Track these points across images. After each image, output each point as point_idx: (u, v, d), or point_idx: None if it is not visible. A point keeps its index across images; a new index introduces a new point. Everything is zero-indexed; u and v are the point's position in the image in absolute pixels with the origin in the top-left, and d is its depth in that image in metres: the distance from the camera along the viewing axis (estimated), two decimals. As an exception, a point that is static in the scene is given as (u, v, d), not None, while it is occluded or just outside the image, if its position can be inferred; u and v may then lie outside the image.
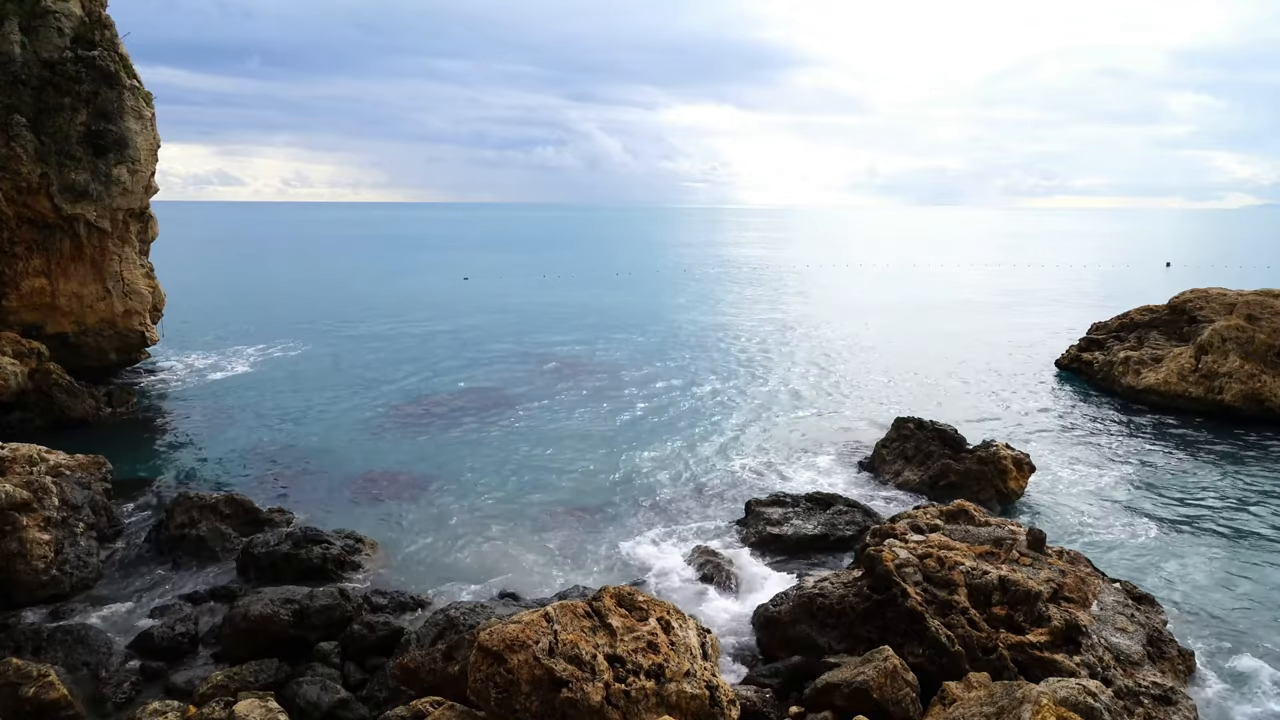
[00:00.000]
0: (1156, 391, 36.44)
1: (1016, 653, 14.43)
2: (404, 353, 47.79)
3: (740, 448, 30.53)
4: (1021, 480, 25.45)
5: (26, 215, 34.04)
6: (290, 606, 16.74)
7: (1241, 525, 23.41)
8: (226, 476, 26.96)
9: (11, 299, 34.44)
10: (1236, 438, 31.50)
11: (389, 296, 74.83)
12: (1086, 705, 11.33)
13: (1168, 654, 15.59)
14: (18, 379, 31.19)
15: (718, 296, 78.06)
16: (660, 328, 57.90)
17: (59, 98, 33.70)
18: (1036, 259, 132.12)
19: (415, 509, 24.35)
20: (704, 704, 11.85)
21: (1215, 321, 36.78)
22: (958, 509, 19.78)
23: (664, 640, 12.35)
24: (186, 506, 22.01)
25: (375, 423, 33.39)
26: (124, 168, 35.33)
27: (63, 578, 18.64)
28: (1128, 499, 25.44)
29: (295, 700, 14.46)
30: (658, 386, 39.98)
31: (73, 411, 31.58)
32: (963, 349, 49.94)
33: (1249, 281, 65.97)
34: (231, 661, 16.07)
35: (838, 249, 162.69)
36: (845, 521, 22.07)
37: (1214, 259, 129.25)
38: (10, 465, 19.94)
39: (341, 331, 55.03)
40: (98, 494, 22.19)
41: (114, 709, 14.91)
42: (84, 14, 35.21)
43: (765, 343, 52.17)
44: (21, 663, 14.34)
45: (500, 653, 11.64)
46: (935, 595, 15.41)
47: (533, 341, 51.97)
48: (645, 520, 23.82)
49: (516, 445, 30.45)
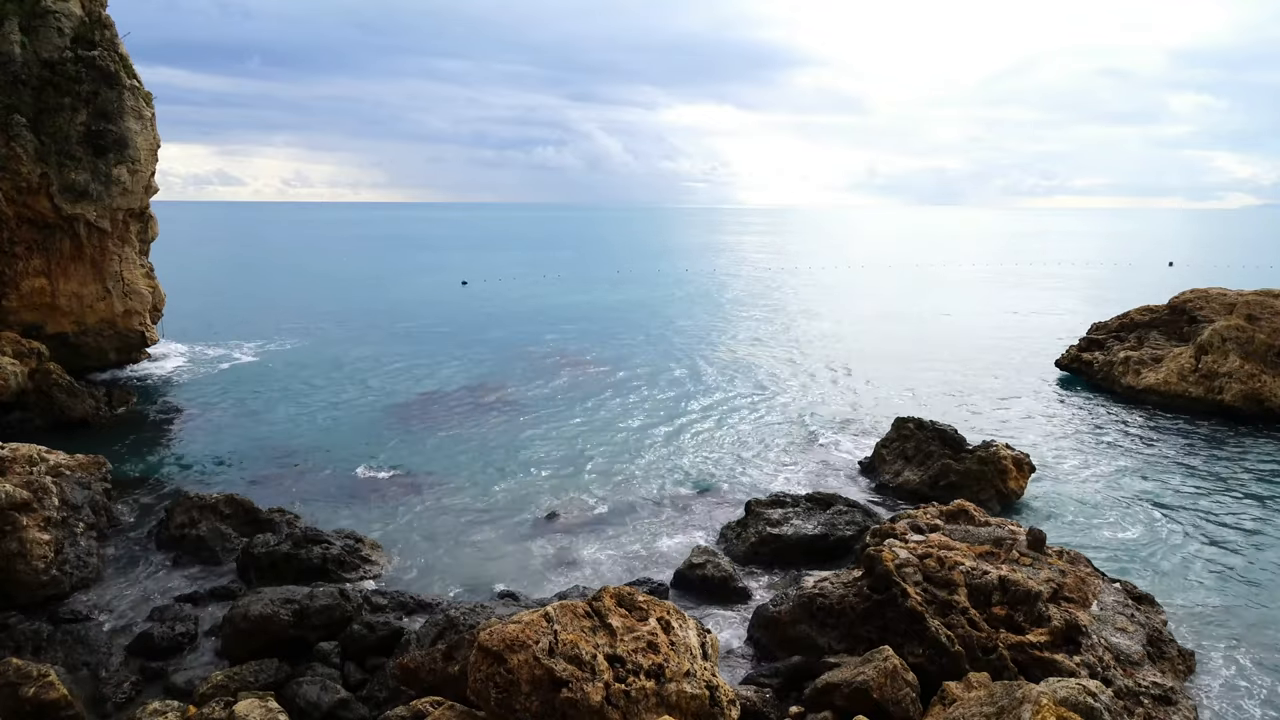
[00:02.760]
0: (1156, 391, 36.45)
1: (1016, 653, 14.43)
2: (403, 353, 47.79)
3: (740, 448, 30.52)
4: (1021, 480, 25.45)
5: (27, 215, 34.05)
6: (290, 606, 16.74)
7: (1241, 525, 23.41)
8: (226, 476, 26.97)
9: (11, 299, 34.45)
10: (1236, 438, 31.49)
11: (389, 297, 74.86)
12: (1086, 705, 11.33)
13: (1168, 654, 15.59)
14: (18, 379, 31.20)
15: (718, 297, 78.08)
16: (660, 328, 57.92)
17: (59, 98, 33.71)
18: (1037, 259, 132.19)
19: (415, 509, 24.35)
20: (704, 704, 11.85)
21: (1215, 321, 36.79)
22: (958, 509, 19.78)
23: (664, 640, 12.35)
24: (186, 506, 22.01)
25: (375, 423, 33.39)
26: (124, 168, 35.34)
27: (63, 578, 18.64)
28: (1128, 499, 25.43)
29: (295, 700, 14.45)
30: (657, 387, 39.99)
31: (73, 411, 31.58)
32: (962, 349, 49.96)
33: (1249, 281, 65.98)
34: (231, 661, 16.08)
35: (838, 249, 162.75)
36: (845, 521, 22.06)
37: (1214, 259, 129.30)
38: (10, 465, 19.95)
39: (341, 332, 55.04)
40: (98, 494, 22.19)
41: (114, 709, 14.92)
42: (84, 14, 35.23)
43: (765, 343, 52.19)
44: (21, 663, 14.33)
45: (500, 653, 11.64)
46: (935, 595, 15.41)
47: (532, 342, 51.99)
48: (646, 520, 23.83)
49: (517, 445, 30.45)
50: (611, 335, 54.49)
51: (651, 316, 63.74)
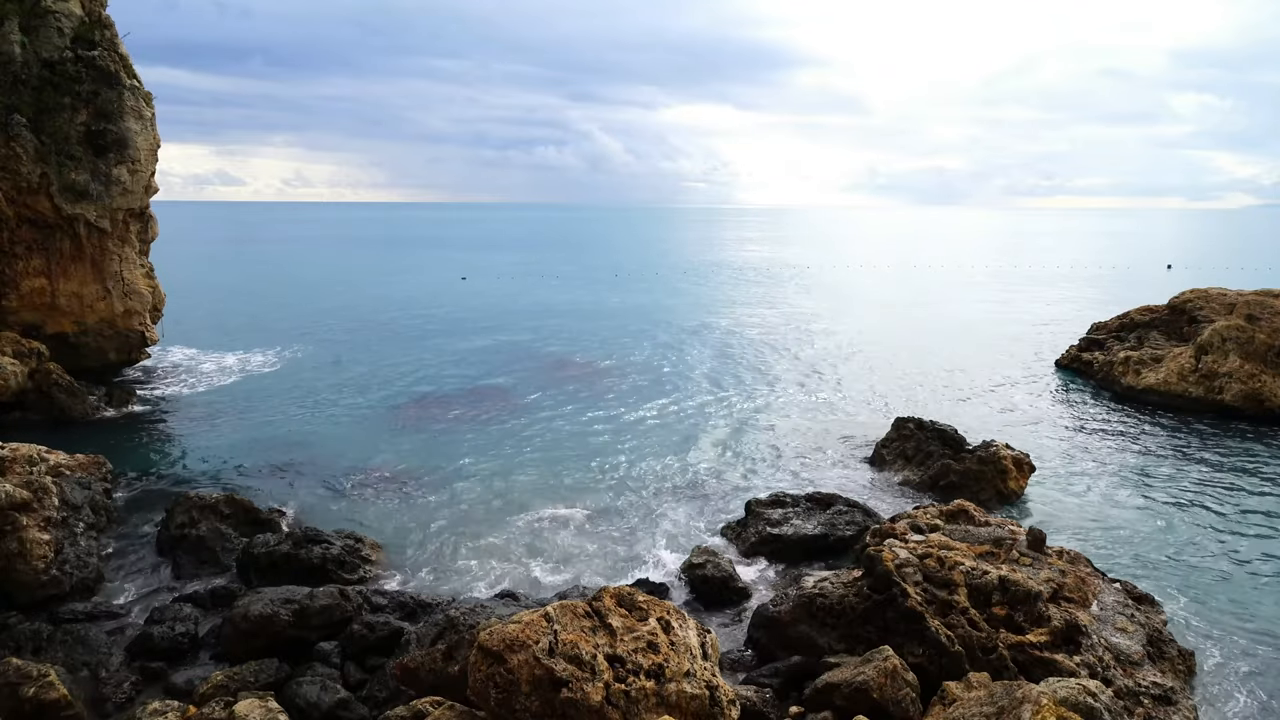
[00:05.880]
0: (1156, 391, 36.45)
1: (1016, 653, 14.43)
2: (404, 353, 47.79)
3: (740, 448, 30.52)
4: (1021, 480, 25.45)
5: (27, 215, 34.03)
6: (290, 606, 16.74)
7: (1242, 525, 23.41)
8: (226, 476, 26.96)
9: (11, 299, 34.43)
10: (1236, 438, 31.49)
11: (388, 297, 74.83)
12: (1086, 705, 11.34)
13: (1168, 654, 15.60)
14: (18, 379, 31.19)
15: (717, 297, 78.08)
16: (660, 328, 57.91)
17: (59, 98, 33.70)
18: (1037, 259, 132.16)
19: (415, 509, 24.35)
20: (704, 704, 11.85)
21: (1215, 321, 36.79)
22: (958, 509, 19.79)
23: (664, 640, 12.35)
24: (186, 506, 22.01)
25: (375, 423, 33.39)
26: (124, 168, 35.32)
27: (63, 578, 18.63)
28: (1128, 499, 25.43)
29: (295, 700, 14.45)
30: (657, 386, 39.99)
31: (73, 411, 31.58)
32: (962, 349, 49.95)
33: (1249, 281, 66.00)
34: (231, 661, 16.07)
35: (837, 249, 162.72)
36: (845, 521, 22.06)
37: (1214, 259, 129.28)
38: (10, 465, 19.94)
39: (341, 331, 55.04)
40: (98, 494, 22.19)
41: (114, 709, 14.91)
42: (84, 14, 35.20)
43: (765, 343, 52.17)
44: (21, 663, 14.33)
45: (500, 653, 11.64)
46: (935, 595, 15.41)
47: (532, 341, 51.99)
48: (646, 520, 23.83)
49: (516, 445, 30.45)
50: (611, 335, 54.49)
51: (651, 316, 63.72)
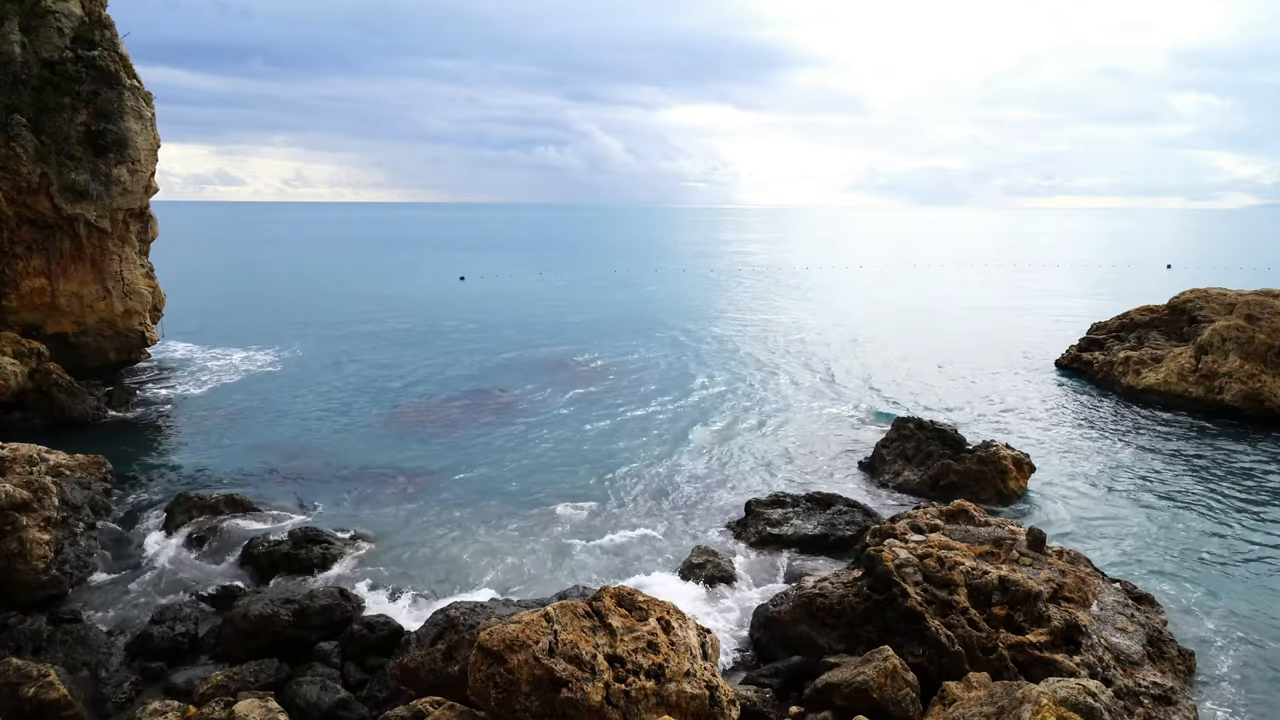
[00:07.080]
0: (1156, 391, 36.45)
1: (1016, 653, 14.43)
2: (403, 353, 47.78)
3: (740, 447, 30.51)
4: (1021, 480, 25.45)
5: (26, 215, 34.04)
6: (290, 606, 16.74)
7: (1242, 525, 23.40)
8: (226, 476, 26.95)
9: (11, 299, 34.44)
10: (1236, 438, 31.48)
11: (388, 297, 74.81)
12: (1086, 705, 11.33)
13: (1168, 654, 15.60)
14: (18, 379, 31.19)
15: (717, 297, 78.08)
16: (660, 327, 57.90)
17: (59, 98, 33.70)
18: (1037, 259, 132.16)
19: (415, 509, 24.35)
20: (704, 704, 11.85)
21: (1215, 321, 36.78)
22: (958, 509, 19.78)
23: (664, 640, 12.35)
24: (186, 506, 22.02)
25: (375, 423, 33.39)
26: (124, 168, 35.33)
27: (63, 578, 18.64)
28: (1128, 499, 25.43)
29: (295, 700, 14.45)
30: (657, 386, 39.98)
31: (73, 411, 31.58)
32: (963, 349, 49.94)
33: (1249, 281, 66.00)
34: (231, 661, 16.07)
35: (837, 249, 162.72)
36: (845, 521, 22.06)
37: (1214, 259, 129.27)
38: (10, 465, 19.94)
39: (341, 331, 55.02)
40: (98, 494, 22.20)
41: (114, 709, 14.91)
42: (84, 14, 35.21)
43: (765, 343, 52.17)
44: (21, 663, 14.34)
45: (500, 653, 11.64)
46: (935, 595, 15.42)
47: (532, 342, 51.98)
48: (645, 520, 23.82)
49: (516, 445, 30.45)
50: (610, 335, 54.47)
51: (650, 316, 63.71)
